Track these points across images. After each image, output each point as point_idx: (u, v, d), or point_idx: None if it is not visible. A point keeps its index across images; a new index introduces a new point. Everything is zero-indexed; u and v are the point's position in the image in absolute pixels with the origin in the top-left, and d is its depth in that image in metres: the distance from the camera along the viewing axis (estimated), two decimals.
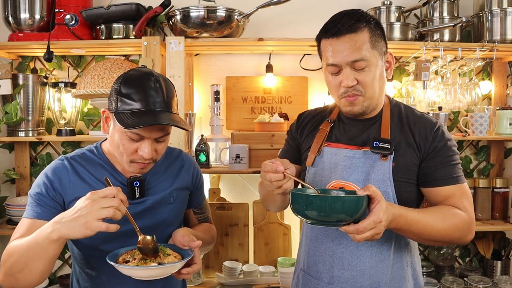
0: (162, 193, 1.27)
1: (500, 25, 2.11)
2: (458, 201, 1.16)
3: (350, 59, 1.12)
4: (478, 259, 2.39)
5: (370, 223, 0.96)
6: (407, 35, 2.12)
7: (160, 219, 1.26)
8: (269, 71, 2.26)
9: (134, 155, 1.14)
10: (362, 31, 1.13)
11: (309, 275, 1.27)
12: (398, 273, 1.21)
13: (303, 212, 0.99)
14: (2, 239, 2.30)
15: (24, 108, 2.12)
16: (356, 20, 1.13)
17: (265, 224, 2.23)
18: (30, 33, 2.08)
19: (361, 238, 0.97)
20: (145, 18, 2.00)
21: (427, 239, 1.12)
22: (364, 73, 1.14)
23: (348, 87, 1.15)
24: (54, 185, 1.16)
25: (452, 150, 1.19)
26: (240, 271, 2.15)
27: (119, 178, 1.22)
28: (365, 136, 1.23)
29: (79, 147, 2.32)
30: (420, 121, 1.22)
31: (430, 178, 1.18)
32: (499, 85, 2.35)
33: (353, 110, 1.18)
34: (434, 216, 1.12)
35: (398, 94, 2.36)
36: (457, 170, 1.19)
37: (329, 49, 1.15)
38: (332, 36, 1.14)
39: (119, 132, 1.13)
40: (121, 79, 1.13)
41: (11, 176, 2.24)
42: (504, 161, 2.40)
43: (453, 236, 1.14)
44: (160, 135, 1.14)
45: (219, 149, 2.16)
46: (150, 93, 1.11)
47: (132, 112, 1.09)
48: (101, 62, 2.05)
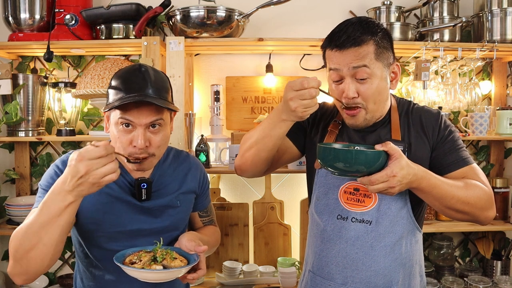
0: (169, 196, 1.26)
1: (500, 25, 2.11)
2: (477, 177, 1.19)
3: (352, 65, 1.13)
4: (478, 259, 2.39)
5: (382, 175, 1.02)
6: (407, 35, 2.12)
7: (166, 223, 1.25)
8: (269, 71, 2.26)
9: (130, 148, 1.13)
10: (367, 44, 1.13)
11: (320, 277, 1.26)
12: (409, 271, 1.24)
13: (331, 163, 1.06)
14: (2, 239, 2.30)
15: (24, 108, 2.12)
16: (362, 32, 1.13)
17: (265, 224, 2.23)
18: (30, 33, 2.08)
19: (373, 189, 1.04)
20: (145, 18, 2.00)
21: (448, 206, 1.12)
22: (366, 84, 1.14)
23: (349, 99, 1.16)
24: None
25: (456, 136, 1.25)
26: (240, 271, 2.15)
27: (127, 178, 1.22)
28: (376, 137, 1.24)
29: (79, 147, 2.33)
30: (424, 112, 1.27)
31: (443, 165, 1.21)
32: (499, 85, 2.35)
33: (356, 123, 1.21)
34: (457, 183, 1.13)
35: (398, 94, 2.36)
36: (465, 153, 1.23)
37: (332, 59, 1.17)
38: (335, 48, 1.15)
39: (114, 125, 1.14)
40: (112, 76, 1.17)
41: (11, 176, 2.24)
42: (504, 161, 2.40)
43: (476, 206, 1.13)
44: (150, 120, 1.12)
45: (219, 149, 2.16)
46: (137, 80, 1.13)
47: (119, 99, 1.11)
48: (101, 62, 2.05)
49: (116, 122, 1.12)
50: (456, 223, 2.19)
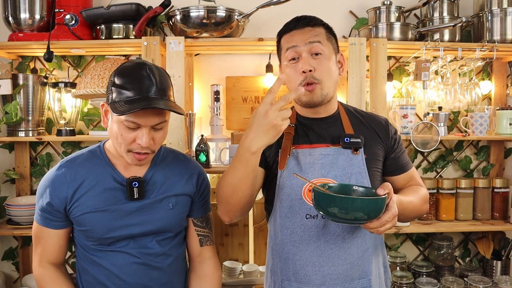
0: (161, 195, 1.26)
1: (500, 25, 2.11)
2: (419, 180, 1.40)
3: (308, 40, 1.24)
4: (478, 259, 2.39)
5: (390, 216, 1.05)
6: (407, 35, 2.12)
7: (158, 225, 1.25)
8: (269, 71, 2.26)
9: (132, 145, 1.15)
10: (319, 27, 1.28)
11: (296, 283, 1.24)
12: (377, 261, 1.30)
13: (326, 209, 1.04)
14: (2, 239, 2.30)
15: (24, 108, 2.12)
16: (313, 19, 1.29)
17: (265, 224, 2.23)
18: (30, 33, 2.08)
19: (383, 230, 1.06)
20: (145, 18, 2.00)
21: (411, 216, 1.32)
22: (320, 60, 1.24)
23: (307, 72, 1.22)
24: (53, 200, 1.21)
25: (401, 140, 1.40)
26: (240, 271, 2.15)
27: (118, 178, 1.23)
28: (331, 134, 1.30)
29: (79, 147, 2.33)
30: (374, 118, 1.38)
31: (398, 166, 1.36)
32: (499, 85, 2.35)
33: (313, 99, 1.25)
34: (414, 195, 1.28)
35: (398, 94, 2.36)
36: (407, 156, 1.41)
37: (289, 38, 1.27)
38: (292, 29, 1.28)
39: (117, 123, 1.14)
40: (115, 72, 1.16)
41: (11, 176, 2.24)
42: (504, 161, 2.40)
43: (422, 209, 1.33)
44: (156, 122, 1.14)
45: (219, 149, 2.16)
46: (143, 81, 1.12)
47: (126, 100, 1.11)
48: (101, 62, 2.05)
49: (121, 121, 1.13)
50: (456, 223, 2.19)
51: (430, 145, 2.04)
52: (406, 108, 2.13)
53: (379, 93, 2.02)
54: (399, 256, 2.27)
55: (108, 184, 1.22)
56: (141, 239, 1.24)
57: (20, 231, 2.05)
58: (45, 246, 1.25)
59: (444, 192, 2.19)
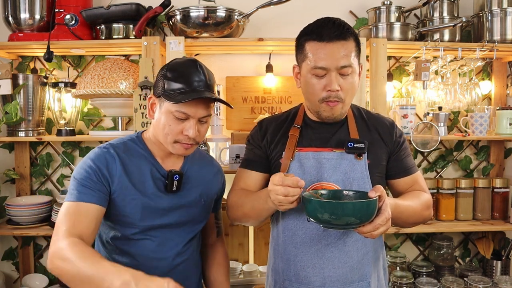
0: (197, 192, 1.32)
1: (500, 25, 2.11)
2: (422, 185, 1.34)
3: (340, 65, 1.17)
4: (478, 259, 2.39)
5: (383, 219, 1.03)
6: (407, 35, 2.12)
7: (191, 216, 1.31)
8: (269, 71, 2.26)
9: (179, 136, 1.20)
10: (350, 40, 1.19)
11: (297, 283, 1.25)
12: (377, 263, 1.30)
13: (316, 216, 1.02)
14: (2, 239, 2.30)
15: (24, 108, 2.12)
16: (345, 29, 1.19)
17: (265, 224, 2.23)
18: (30, 33, 2.08)
19: (377, 234, 1.03)
20: (145, 18, 2.00)
21: (410, 222, 1.27)
22: (348, 80, 1.20)
23: (333, 91, 1.19)
24: (102, 172, 1.18)
25: (407, 143, 1.37)
26: (240, 271, 2.15)
27: (159, 170, 1.26)
28: (336, 139, 1.28)
29: (79, 147, 2.33)
30: (379, 120, 1.35)
31: (400, 169, 1.32)
32: (499, 85, 2.35)
33: (333, 115, 1.24)
34: (413, 200, 1.25)
35: (398, 94, 2.36)
36: (413, 160, 1.37)
37: (319, 52, 1.18)
38: (323, 40, 1.18)
39: (165, 114, 1.19)
40: (166, 66, 1.22)
41: (11, 176, 2.24)
42: (504, 161, 2.40)
43: (425, 215, 1.28)
44: (204, 115, 1.21)
45: (219, 149, 2.16)
46: (194, 76, 1.19)
47: (178, 91, 1.17)
48: (101, 62, 2.05)
49: (170, 112, 1.18)
50: (456, 223, 2.19)
51: (430, 145, 2.04)
52: (406, 108, 2.13)
53: (379, 93, 2.03)
54: (399, 256, 2.27)
55: (148, 175, 1.24)
56: (172, 230, 1.27)
57: (20, 231, 2.05)
58: (75, 222, 1.09)
59: (444, 192, 2.19)
